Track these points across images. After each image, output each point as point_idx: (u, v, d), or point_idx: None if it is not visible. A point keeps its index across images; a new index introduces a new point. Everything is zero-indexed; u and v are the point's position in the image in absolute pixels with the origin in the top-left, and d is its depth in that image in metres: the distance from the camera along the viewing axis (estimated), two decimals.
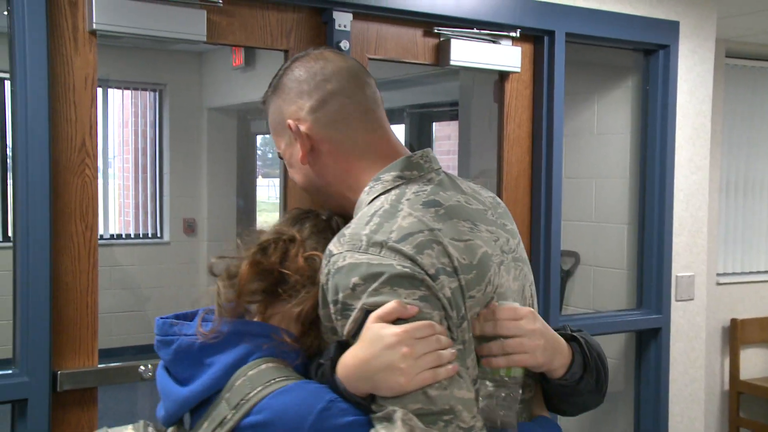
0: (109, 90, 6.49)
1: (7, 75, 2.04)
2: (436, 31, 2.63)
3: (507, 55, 2.74)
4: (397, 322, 1.07)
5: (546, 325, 1.24)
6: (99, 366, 2.12)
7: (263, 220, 7.04)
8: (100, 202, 2.12)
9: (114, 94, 6.59)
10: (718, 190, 4.37)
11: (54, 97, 2.03)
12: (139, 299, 6.45)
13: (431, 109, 5.58)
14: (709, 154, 3.31)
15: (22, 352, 1.99)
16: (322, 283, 1.15)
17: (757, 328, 4.51)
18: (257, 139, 7.01)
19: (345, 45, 2.41)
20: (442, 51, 2.65)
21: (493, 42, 2.74)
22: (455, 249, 1.14)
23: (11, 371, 2.02)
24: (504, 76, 2.84)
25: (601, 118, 3.54)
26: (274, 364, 1.15)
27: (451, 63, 2.63)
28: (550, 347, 1.21)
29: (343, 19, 2.42)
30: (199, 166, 6.71)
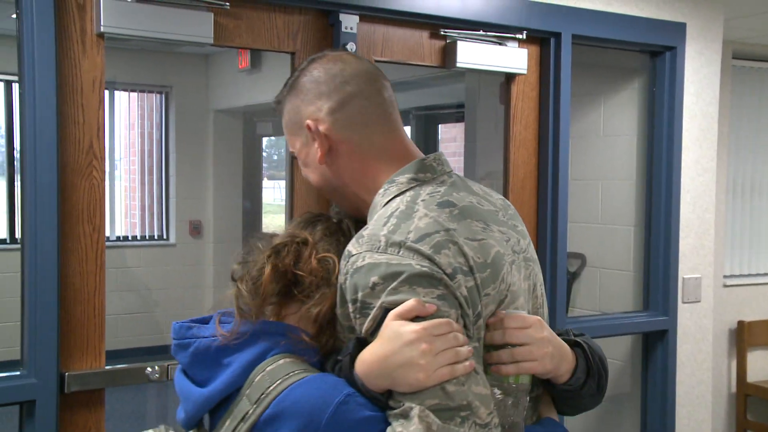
0: (116, 92, 6.51)
1: (16, 77, 2.04)
2: (442, 33, 2.64)
3: (513, 56, 2.74)
4: (416, 319, 1.09)
5: (552, 333, 1.27)
6: (106, 367, 2.12)
7: (269, 222, 7.05)
8: (107, 204, 2.13)
9: (120, 97, 6.61)
10: (725, 192, 4.36)
11: (62, 100, 2.04)
12: (145, 301, 6.46)
13: (437, 111, 5.59)
14: (716, 156, 3.30)
15: (29, 353, 2.00)
16: (340, 283, 1.17)
17: (764, 330, 4.49)
18: (263, 141, 7.02)
19: (351, 47, 2.41)
20: (448, 53, 2.65)
21: (500, 44, 2.74)
22: (470, 248, 1.16)
23: (19, 373, 2.02)
24: (510, 78, 2.84)
25: (608, 119, 3.53)
26: (291, 359, 1.17)
27: (457, 65, 2.63)
28: (557, 354, 1.24)
29: (349, 21, 2.42)
30: (205, 168, 6.72)
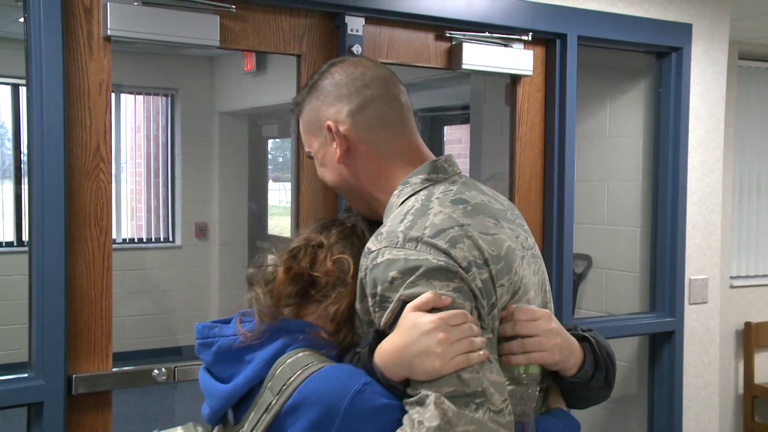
0: (122, 95, 6.53)
1: (23, 81, 2.05)
2: (448, 34, 2.64)
3: (519, 58, 2.74)
4: (432, 311, 1.14)
5: (560, 326, 1.32)
6: (113, 369, 2.13)
7: (274, 224, 7.06)
8: (113, 207, 2.14)
9: (126, 99, 6.63)
10: (732, 193, 4.35)
11: (69, 103, 2.05)
12: (151, 303, 6.47)
13: (442, 113, 5.58)
14: (723, 157, 3.30)
15: (37, 355, 2.01)
16: (360, 278, 1.22)
17: None
18: (268, 143, 7.03)
19: (357, 49, 2.41)
20: (454, 54, 2.65)
21: (505, 45, 2.74)
22: (484, 242, 1.21)
23: (27, 375, 2.03)
24: (516, 80, 2.84)
25: (614, 121, 3.53)
26: (310, 352, 1.22)
27: (463, 66, 2.63)
28: (566, 346, 1.30)
29: (355, 24, 2.42)
30: (210, 171, 6.74)
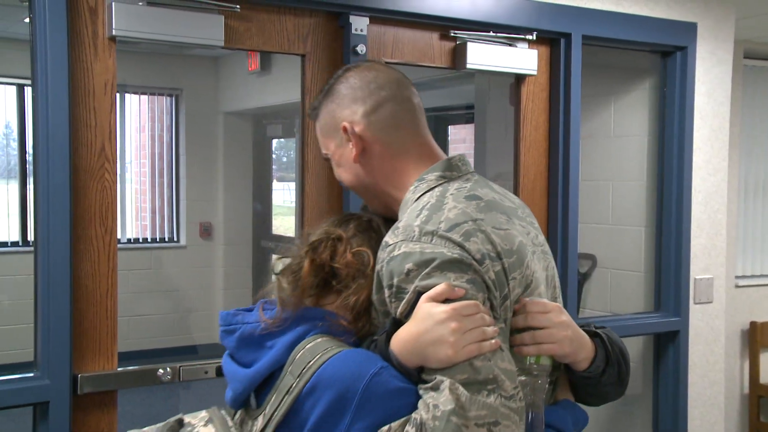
0: (127, 95, 6.54)
1: (29, 81, 2.06)
2: (452, 34, 2.64)
3: (523, 57, 2.74)
4: (446, 302, 1.18)
5: (571, 319, 1.35)
6: (118, 369, 2.13)
7: (279, 224, 7.07)
8: (118, 207, 2.15)
9: (131, 99, 6.64)
10: (737, 192, 4.34)
11: (74, 103, 2.05)
12: (156, 303, 6.48)
13: (447, 112, 5.57)
14: (728, 156, 3.29)
15: (43, 355, 2.02)
16: (377, 270, 1.27)
17: None
18: (273, 143, 7.04)
19: (362, 49, 2.41)
20: (458, 54, 2.65)
21: (510, 45, 2.73)
22: (497, 236, 1.26)
23: (33, 374, 2.04)
24: (520, 79, 2.84)
25: (619, 120, 3.52)
26: (329, 337, 1.27)
27: (467, 66, 2.63)
28: (576, 339, 1.33)
29: (359, 23, 2.42)
30: (215, 170, 6.74)
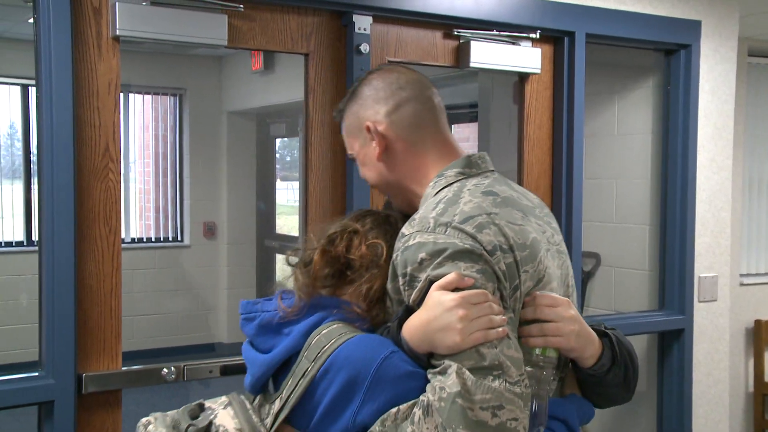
0: (130, 95, 6.55)
1: (33, 81, 2.06)
2: (455, 33, 2.63)
3: (527, 56, 2.74)
4: (456, 291, 1.22)
5: (579, 315, 1.39)
6: (123, 368, 2.14)
7: (282, 223, 7.08)
8: (122, 206, 2.15)
9: (135, 99, 6.65)
10: (741, 190, 4.32)
11: (78, 103, 2.06)
12: (160, 302, 6.49)
13: (450, 111, 5.55)
14: (732, 154, 3.28)
15: (47, 354, 2.02)
16: (393, 259, 1.32)
17: None
18: (276, 142, 7.04)
19: (365, 48, 2.41)
20: (462, 53, 2.65)
21: (513, 43, 2.73)
22: (510, 230, 1.30)
23: (37, 374, 2.04)
24: (524, 78, 2.83)
25: (622, 118, 3.52)
26: (343, 323, 1.33)
27: (471, 65, 2.62)
28: (583, 335, 1.37)
29: (363, 22, 2.42)
30: (218, 170, 6.75)
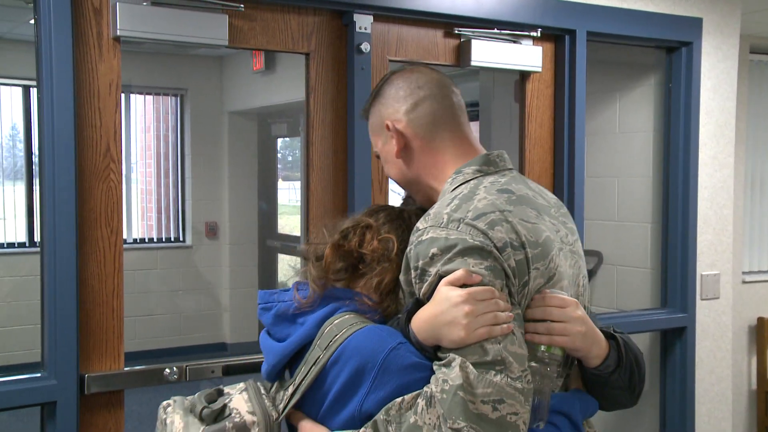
0: (131, 95, 6.55)
1: (34, 82, 2.06)
2: (456, 31, 2.63)
3: (528, 54, 2.74)
4: (464, 287, 1.25)
5: (587, 316, 1.40)
6: (125, 369, 2.14)
7: (284, 223, 7.08)
8: (123, 207, 2.15)
9: (136, 100, 6.66)
10: (743, 188, 4.32)
11: (79, 104, 2.06)
12: (162, 303, 6.49)
13: None
14: (734, 151, 3.28)
15: (50, 355, 2.02)
16: (406, 252, 1.36)
17: None
18: (278, 142, 7.04)
19: (366, 47, 2.41)
20: (462, 52, 2.65)
21: (514, 42, 2.73)
22: (523, 227, 1.32)
23: (40, 374, 2.04)
24: (525, 76, 2.83)
25: (624, 116, 3.51)
26: (355, 314, 1.38)
27: (472, 63, 2.62)
28: (589, 336, 1.38)
29: (363, 21, 2.42)
30: (220, 170, 6.75)
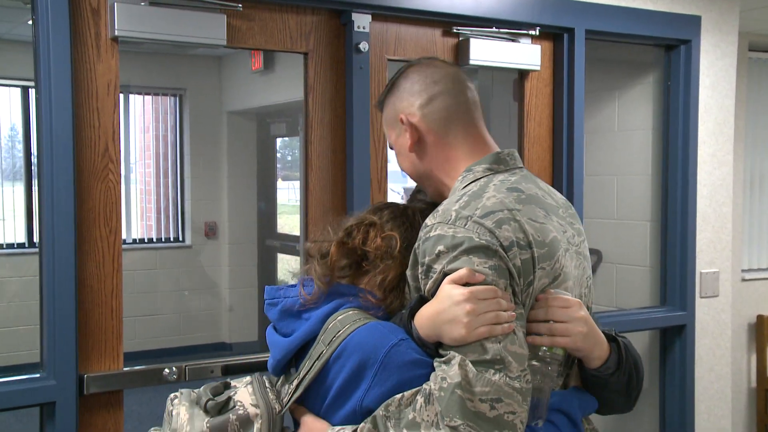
0: (130, 95, 6.55)
1: (33, 83, 2.06)
2: (455, 30, 2.63)
3: (526, 53, 2.73)
4: (467, 285, 1.25)
5: (589, 317, 1.40)
6: (124, 369, 2.14)
7: (283, 223, 7.07)
8: (123, 207, 2.15)
9: (135, 100, 6.65)
10: (742, 185, 4.32)
11: (77, 104, 2.06)
12: (161, 303, 6.49)
13: None
14: (733, 149, 3.28)
15: (49, 355, 2.02)
16: (414, 248, 1.36)
17: None
18: (277, 141, 7.04)
19: (364, 46, 2.41)
20: (461, 50, 2.65)
21: (513, 40, 2.73)
22: (530, 227, 1.32)
23: (39, 375, 2.04)
24: (524, 75, 2.83)
25: (623, 114, 3.51)
26: (358, 310, 1.39)
27: (470, 62, 2.62)
28: (591, 336, 1.38)
29: (362, 21, 2.42)
30: (219, 170, 6.75)
